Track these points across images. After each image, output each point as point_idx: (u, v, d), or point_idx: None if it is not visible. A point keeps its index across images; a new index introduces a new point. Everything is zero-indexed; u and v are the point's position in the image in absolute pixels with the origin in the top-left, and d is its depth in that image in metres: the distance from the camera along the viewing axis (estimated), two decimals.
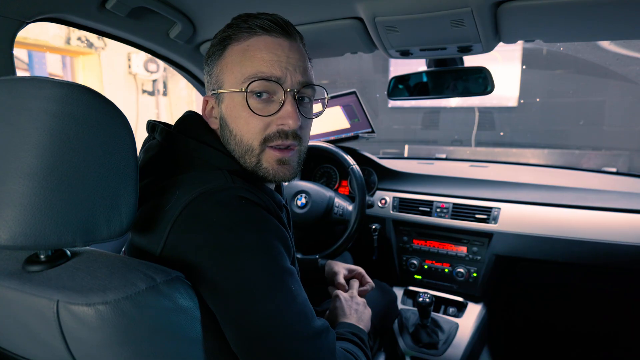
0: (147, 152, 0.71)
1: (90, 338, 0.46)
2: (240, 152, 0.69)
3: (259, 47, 0.66)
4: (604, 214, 1.33)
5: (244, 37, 0.67)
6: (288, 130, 0.67)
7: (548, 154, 4.35)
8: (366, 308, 0.93)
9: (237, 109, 0.67)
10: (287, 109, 0.66)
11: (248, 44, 0.67)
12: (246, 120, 0.67)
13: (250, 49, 0.66)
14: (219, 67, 0.69)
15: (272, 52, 0.66)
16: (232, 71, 0.67)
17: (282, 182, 0.75)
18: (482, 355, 1.51)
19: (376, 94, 5.23)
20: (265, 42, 0.66)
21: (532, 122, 4.68)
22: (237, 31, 0.67)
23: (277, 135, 0.67)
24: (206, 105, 0.73)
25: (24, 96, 0.47)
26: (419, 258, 1.60)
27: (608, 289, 1.49)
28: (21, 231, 0.45)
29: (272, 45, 0.66)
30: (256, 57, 0.66)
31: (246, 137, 0.68)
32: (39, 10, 0.81)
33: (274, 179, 0.70)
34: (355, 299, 0.95)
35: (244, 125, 0.67)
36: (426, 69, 1.26)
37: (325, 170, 1.78)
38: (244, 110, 0.67)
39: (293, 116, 0.66)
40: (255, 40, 0.67)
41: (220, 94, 0.69)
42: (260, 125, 0.67)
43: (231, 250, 0.56)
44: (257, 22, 0.66)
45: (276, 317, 0.56)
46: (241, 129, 0.68)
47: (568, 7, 0.83)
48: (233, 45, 0.68)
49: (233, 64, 0.67)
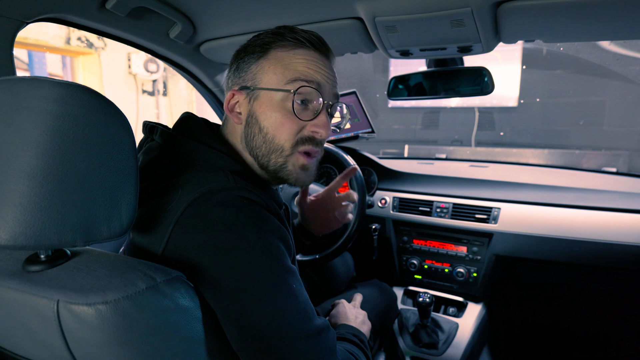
0: (146, 153, 0.71)
1: (90, 338, 0.46)
2: (266, 150, 0.70)
3: (305, 57, 0.70)
4: (604, 214, 1.33)
5: (289, 46, 0.70)
6: (319, 139, 0.70)
7: (548, 154, 4.35)
8: (366, 320, 0.95)
9: (275, 108, 0.69)
10: (323, 119, 0.70)
11: (294, 52, 0.70)
12: (281, 121, 0.68)
13: (296, 56, 0.69)
14: (259, 66, 0.70)
15: (316, 63, 0.70)
16: (274, 72, 0.69)
17: (301, 186, 0.78)
18: (482, 355, 1.51)
19: (376, 94, 5.23)
20: (311, 54, 0.70)
21: (532, 122, 4.68)
22: (283, 39, 0.70)
23: (308, 141, 0.70)
24: (231, 98, 0.73)
25: (24, 96, 0.47)
26: (419, 258, 1.60)
27: (608, 289, 1.49)
28: (21, 231, 0.45)
29: (317, 58, 0.71)
30: (302, 64, 0.69)
31: (279, 137, 0.69)
32: (39, 10, 0.81)
33: (295, 182, 0.72)
34: (357, 309, 0.97)
35: (279, 125, 0.69)
36: (426, 69, 1.26)
37: (325, 170, 1.78)
38: (280, 111, 0.68)
39: (327, 127, 0.70)
40: (301, 50, 0.70)
41: (255, 91, 0.70)
42: (295, 128, 0.69)
43: (232, 249, 0.56)
44: (305, 35, 0.70)
45: (277, 316, 0.56)
46: (275, 128, 0.69)
47: (568, 7, 0.83)
48: (277, 50, 0.70)
49: (276, 66, 0.69)
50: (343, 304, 0.96)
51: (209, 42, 1.20)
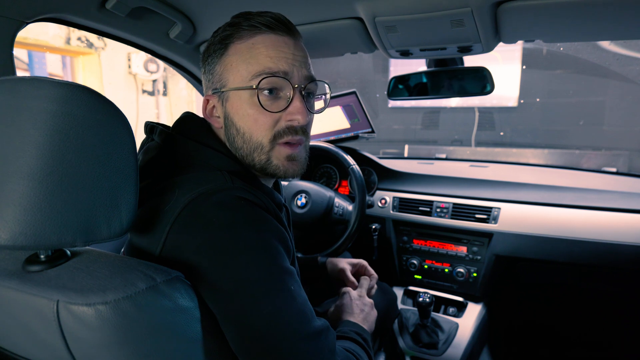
0: (146, 153, 0.71)
1: (90, 338, 0.46)
2: (248, 150, 0.69)
3: (265, 44, 0.66)
4: (604, 214, 1.32)
5: (247, 36, 0.67)
6: (297, 126, 0.68)
7: (548, 154, 4.34)
8: (372, 309, 0.93)
9: (244, 107, 0.67)
10: (296, 105, 0.67)
11: (253, 42, 0.66)
12: (254, 118, 0.67)
13: (256, 46, 0.66)
14: (222, 66, 0.69)
15: (278, 49, 0.66)
16: (237, 69, 0.67)
17: (291, 178, 0.75)
18: (482, 355, 1.51)
19: (376, 94, 5.23)
20: (271, 40, 0.66)
21: (532, 122, 4.68)
22: (239, 30, 0.67)
23: (287, 131, 0.68)
24: (207, 104, 0.72)
25: (24, 96, 0.47)
26: (419, 258, 1.60)
27: (608, 289, 1.48)
28: (21, 231, 0.45)
29: (278, 43, 0.67)
30: (263, 54, 0.66)
31: (255, 135, 0.67)
32: (39, 10, 0.81)
33: (285, 175, 0.70)
34: (363, 298, 0.95)
35: (253, 122, 0.67)
36: (426, 69, 1.26)
37: (325, 170, 1.78)
38: (251, 108, 0.67)
39: (302, 112, 0.67)
40: (260, 38, 0.66)
41: (224, 92, 0.69)
42: (270, 122, 0.67)
43: (230, 250, 0.56)
44: (260, 20, 0.66)
45: (276, 317, 0.56)
46: (250, 126, 0.67)
47: (568, 7, 0.83)
48: (236, 44, 0.67)
49: (238, 62, 0.67)
50: (349, 294, 0.94)
51: None
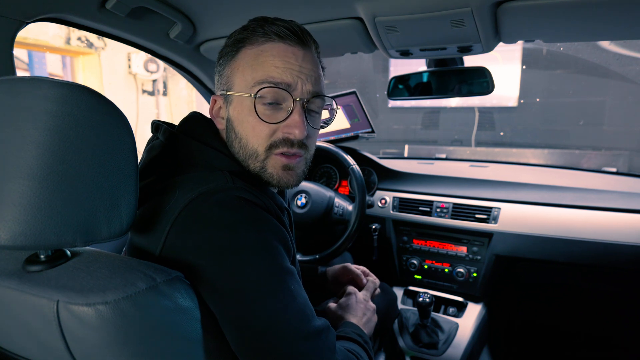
0: (149, 152, 0.71)
1: (90, 338, 0.46)
2: (244, 156, 0.69)
3: (272, 53, 0.66)
4: (604, 214, 1.32)
5: (258, 42, 0.67)
6: (294, 139, 0.67)
7: (548, 154, 4.35)
8: (374, 315, 0.93)
9: (244, 113, 0.67)
10: (295, 119, 0.66)
11: (262, 49, 0.66)
12: (253, 125, 0.67)
13: (264, 54, 0.66)
14: (230, 69, 0.69)
15: (284, 59, 0.65)
16: (242, 74, 0.67)
17: (285, 188, 0.74)
18: (482, 355, 1.51)
19: (376, 94, 5.23)
20: (279, 49, 0.66)
21: (532, 122, 4.68)
22: (252, 34, 0.67)
23: (283, 143, 0.67)
24: (214, 104, 0.72)
25: (24, 96, 0.47)
26: (419, 258, 1.60)
27: (608, 289, 1.48)
28: (21, 231, 0.45)
29: (286, 53, 0.66)
30: (268, 62, 0.65)
31: (251, 142, 0.67)
32: (39, 10, 0.81)
33: (278, 184, 0.70)
34: (368, 303, 0.94)
35: (250, 130, 0.67)
36: (426, 69, 1.26)
37: (325, 170, 1.78)
38: (251, 115, 0.66)
39: (300, 126, 0.66)
40: (269, 45, 0.66)
41: (229, 96, 0.69)
42: (267, 132, 0.67)
43: (230, 250, 0.56)
44: (273, 28, 0.66)
45: (276, 317, 0.56)
46: (247, 133, 0.67)
47: (568, 7, 0.83)
48: (247, 48, 0.67)
49: (244, 67, 0.67)
50: (355, 295, 0.93)
51: (209, 42, 1.20)
